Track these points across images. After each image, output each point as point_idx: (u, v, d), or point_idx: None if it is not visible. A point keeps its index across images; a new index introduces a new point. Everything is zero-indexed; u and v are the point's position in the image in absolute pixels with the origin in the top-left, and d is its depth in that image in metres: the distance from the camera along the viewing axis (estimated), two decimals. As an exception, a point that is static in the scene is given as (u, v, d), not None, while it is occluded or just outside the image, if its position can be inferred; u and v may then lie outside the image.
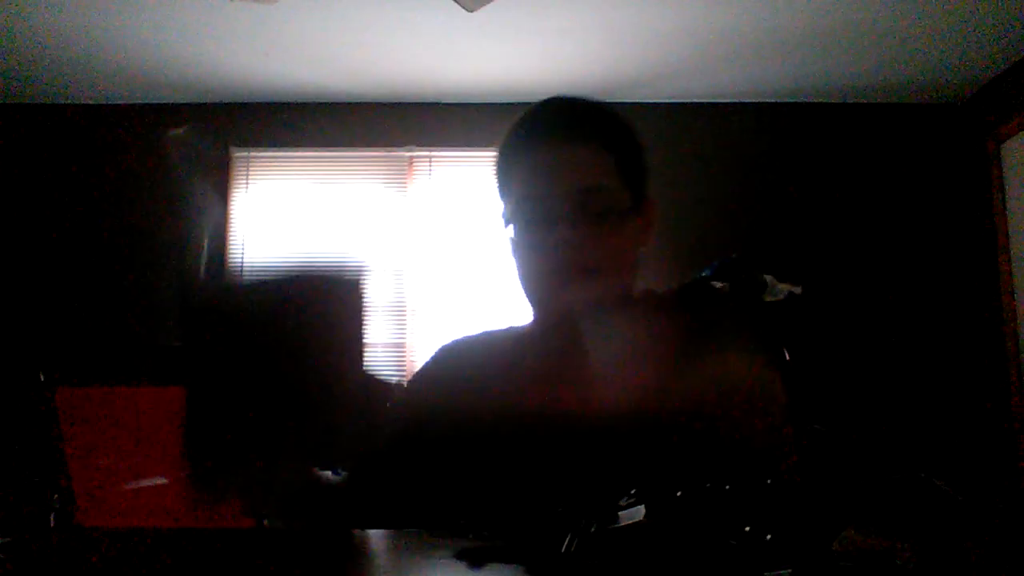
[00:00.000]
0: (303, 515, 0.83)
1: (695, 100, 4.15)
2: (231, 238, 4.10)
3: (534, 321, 1.04)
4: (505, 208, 0.99)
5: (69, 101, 4.14)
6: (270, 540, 0.74)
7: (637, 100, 4.14)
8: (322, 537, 0.71)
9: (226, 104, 4.15)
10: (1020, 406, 3.65)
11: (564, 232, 0.93)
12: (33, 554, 0.66)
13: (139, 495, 1.95)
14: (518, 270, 0.99)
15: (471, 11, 2.66)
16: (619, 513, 0.51)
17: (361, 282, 0.78)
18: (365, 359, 0.79)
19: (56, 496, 1.85)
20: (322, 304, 0.76)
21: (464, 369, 1.03)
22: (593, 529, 0.51)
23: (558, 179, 0.94)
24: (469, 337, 1.10)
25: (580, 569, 0.51)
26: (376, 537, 0.70)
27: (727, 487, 0.48)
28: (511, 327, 1.09)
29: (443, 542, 0.64)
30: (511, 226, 0.97)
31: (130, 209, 4.10)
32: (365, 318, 0.76)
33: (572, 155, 0.94)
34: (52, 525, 2.40)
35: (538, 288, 0.98)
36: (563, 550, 0.53)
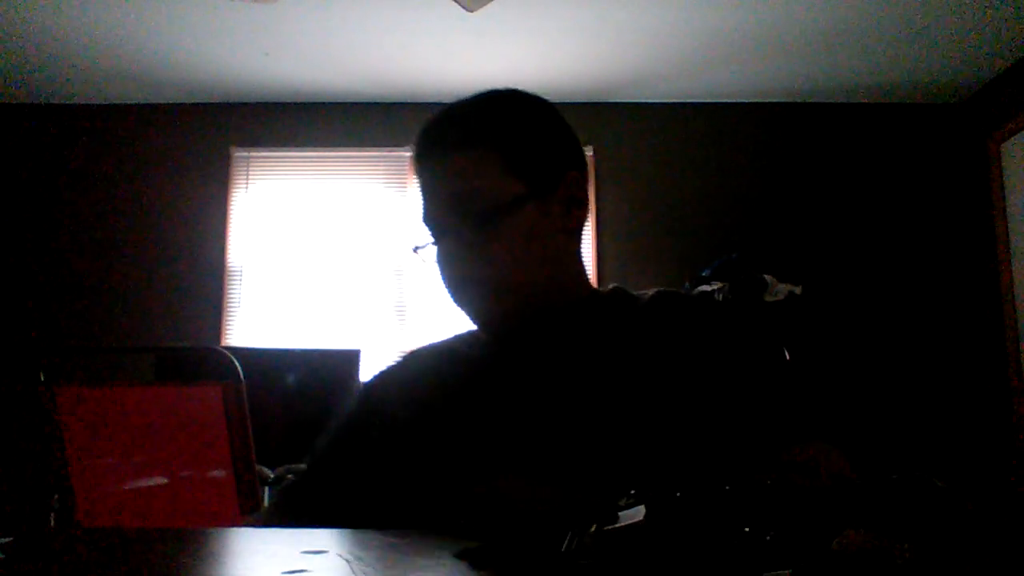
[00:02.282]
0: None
1: (695, 100, 4.15)
2: (231, 237, 4.10)
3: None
4: None
5: (68, 101, 4.14)
6: (268, 539, 0.74)
7: (636, 100, 4.14)
8: (321, 536, 0.71)
9: (226, 104, 4.16)
10: (1020, 405, 3.65)
11: (449, 246, 0.90)
12: (33, 554, 0.66)
13: (140, 495, 1.95)
14: None
15: (471, 11, 2.66)
16: (619, 513, 0.51)
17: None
18: None
19: (56, 496, 1.85)
20: None
21: (413, 388, 0.97)
22: (593, 529, 0.51)
23: (435, 193, 0.91)
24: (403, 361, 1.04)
25: (580, 569, 0.51)
26: (375, 536, 0.70)
27: (726, 487, 0.48)
28: (458, 336, 1.03)
29: (443, 542, 0.64)
30: None
31: (131, 208, 4.11)
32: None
33: (445, 165, 0.90)
34: (52, 525, 2.41)
35: (459, 306, 0.93)
36: (563, 550, 0.53)
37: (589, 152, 4.11)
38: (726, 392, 0.83)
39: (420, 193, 0.94)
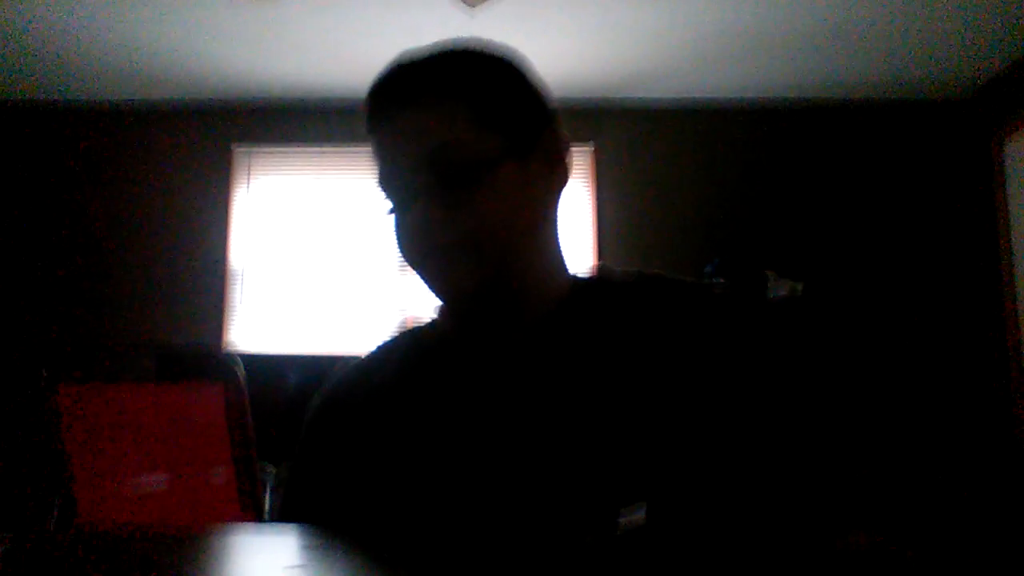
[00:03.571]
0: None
1: (696, 97, 4.14)
2: (232, 235, 4.10)
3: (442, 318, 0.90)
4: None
5: (69, 98, 4.15)
6: (269, 537, 0.74)
7: (639, 97, 4.14)
8: (322, 537, 0.71)
9: (228, 101, 4.16)
10: (1021, 406, 3.64)
11: (421, 210, 0.80)
12: (34, 553, 0.66)
13: (141, 495, 1.95)
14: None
15: (472, 6, 2.66)
16: (619, 520, 0.50)
17: None
18: None
19: (57, 495, 1.85)
20: None
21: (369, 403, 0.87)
22: (593, 536, 0.51)
23: (401, 153, 0.81)
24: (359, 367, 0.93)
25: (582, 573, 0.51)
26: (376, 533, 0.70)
27: (726, 492, 0.48)
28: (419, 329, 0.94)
29: (440, 548, 0.64)
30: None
31: (132, 206, 4.11)
32: None
33: (412, 121, 0.80)
34: (53, 524, 2.41)
35: (429, 280, 0.85)
36: (565, 556, 0.53)
37: (590, 149, 4.10)
38: (725, 398, 0.78)
39: (379, 156, 0.84)
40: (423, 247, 0.82)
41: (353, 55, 3.67)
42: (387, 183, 0.83)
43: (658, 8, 3.28)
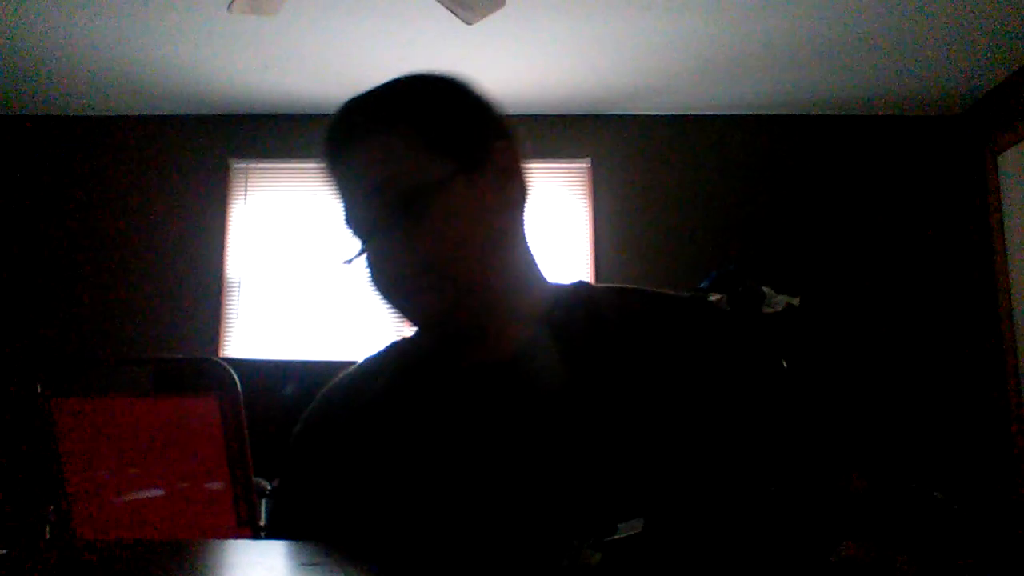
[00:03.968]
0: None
1: (692, 112, 4.16)
2: (229, 248, 4.10)
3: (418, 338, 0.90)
4: None
5: (67, 112, 4.16)
6: (265, 551, 0.73)
7: (635, 112, 4.15)
8: (318, 548, 0.71)
9: (225, 115, 4.17)
10: (1018, 418, 3.64)
11: (379, 243, 0.81)
12: (28, 567, 0.66)
13: (137, 507, 1.95)
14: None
15: (470, 23, 2.67)
16: (617, 535, 0.50)
17: None
18: None
19: (53, 507, 1.84)
20: None
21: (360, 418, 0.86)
22: (585, 549, 0.51)
23: (354, 190, 0.82)
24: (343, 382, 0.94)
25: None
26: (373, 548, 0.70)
27: (720, 505, 0.48)
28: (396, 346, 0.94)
29: (429, 566, 0.64)
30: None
31: (129, 219, 4.11)
32: None
33: (359, 157, 0.82)
34: (47, 537, 2.39)
35: (398, 310, 0.84)
36: (558, 570, 0.53)
37: (587, 164, 4.12)
38: (710, 409, 0.76)
39: (338, 196, 0.86)
40: (385, 281, 0.82)
41: (351, 70, 3.69)
42: (348, 221, 0.84)
43: (654, 24, 3.30)
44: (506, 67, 3.69)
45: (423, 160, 0.79)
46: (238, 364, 2.10)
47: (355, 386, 0.91)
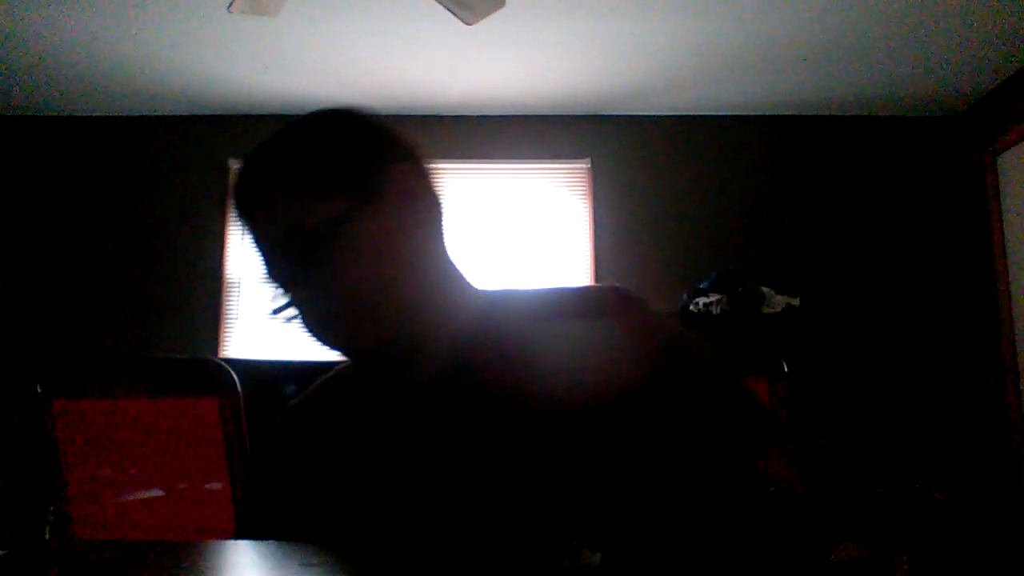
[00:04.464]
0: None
1: (691, 113, 4.16)
2: (229, 249, 4.10)
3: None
4: None
5: (67, 113, 4.15)
6: (265, 552, 0.73)
7: (635, 112, 4.16)
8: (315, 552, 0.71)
9: (224, 116, 4.17)
10: (1018, 418, 3.64)
11: (299, 293, 0.82)
12: (28, 567, 0.66)
13: (136, 508, 1.95)
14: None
15: (470, 24, 2.68)
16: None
17: None
18: None
19: (52, 508, 1.84)
20: None
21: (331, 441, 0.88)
22: (585, 549, 0.51)
23: (264, 247, 0.83)
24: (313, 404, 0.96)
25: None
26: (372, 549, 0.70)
27: (706, 512, 0.48)
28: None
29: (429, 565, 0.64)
30: None
31: (129, 220, 4.11)
32: None
33: (262, 214, 0.83)
34: (47, 538, 2.39)
35: (332, 348, 0.86)
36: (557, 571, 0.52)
37: (587, 165, 4.12)
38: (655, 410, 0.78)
39: (255, 253, 0.86)
40: (311, 325, 0.83)
41: (351, 71, 3.69)
42: (269, 278, 0.85)
43: (654, 25, 3.30)
44: (506, 67, 3.69)
45: (319, 204, 0.80)
46: (238, 365, 2.10)
47: (303, 415, 0.94)
